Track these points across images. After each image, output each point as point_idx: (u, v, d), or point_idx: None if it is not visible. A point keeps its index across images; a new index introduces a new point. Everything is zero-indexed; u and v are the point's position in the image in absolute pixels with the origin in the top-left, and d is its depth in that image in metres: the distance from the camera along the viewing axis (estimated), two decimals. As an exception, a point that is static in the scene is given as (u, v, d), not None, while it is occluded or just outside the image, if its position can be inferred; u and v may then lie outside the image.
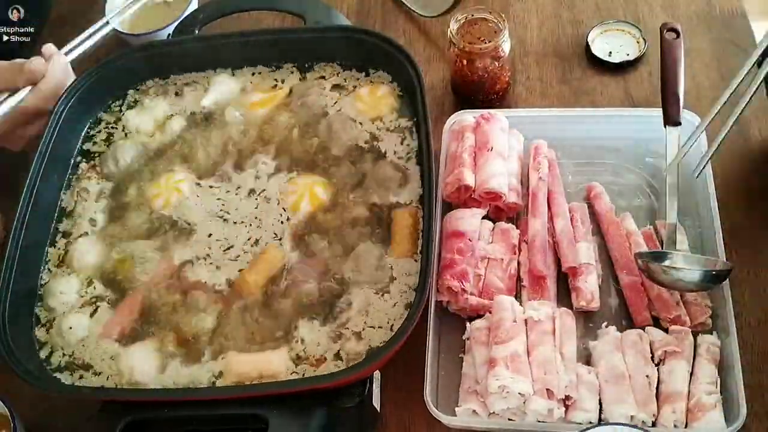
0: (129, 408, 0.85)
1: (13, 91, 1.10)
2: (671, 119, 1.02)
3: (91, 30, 1.20)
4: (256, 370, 0.90)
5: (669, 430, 0.85)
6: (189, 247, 1.02)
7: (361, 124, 1.09)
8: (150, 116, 1.14)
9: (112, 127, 1.15)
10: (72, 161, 1.11)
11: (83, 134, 1.14)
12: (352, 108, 1.11)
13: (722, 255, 0.94)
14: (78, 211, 1.07)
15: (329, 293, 0.95)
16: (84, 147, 1.13)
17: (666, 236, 0.97)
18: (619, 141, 1.09)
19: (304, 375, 0.90)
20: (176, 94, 1.17)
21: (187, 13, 1.26)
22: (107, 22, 1.23)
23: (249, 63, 1.17)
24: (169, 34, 1.22)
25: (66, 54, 1.15)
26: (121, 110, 1.16)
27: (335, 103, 1.12)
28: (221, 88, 1.16)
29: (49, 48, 1.14)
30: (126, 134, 1.14)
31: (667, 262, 0.93)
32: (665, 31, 1.07)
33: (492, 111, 1.08)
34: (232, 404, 0.85)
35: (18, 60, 1.12)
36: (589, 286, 0.96)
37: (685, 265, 0.93)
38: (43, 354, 0.96)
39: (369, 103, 1.10)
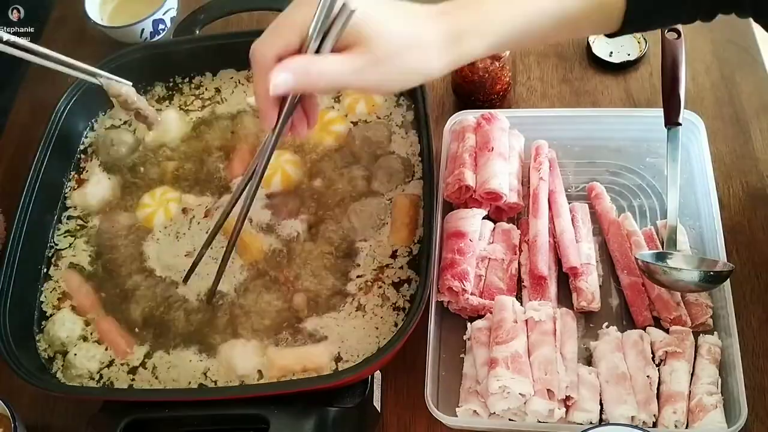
0: (129, 408, 0.85)
1: None
2: (672, 120, 1.02)
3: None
4: (300, 364, 0.91)
5: (670, 430, 0.85)
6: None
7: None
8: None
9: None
10: (72, 162, 1.12)
11: (83, 135, 1.14)
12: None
13: (723, 255, 0.94)
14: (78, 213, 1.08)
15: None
16: (84, 149, 1.13)
17: (666, 237, 0.97)
18: (620, 141, 1.09)
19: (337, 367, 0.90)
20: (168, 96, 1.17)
21: (165, 8, 1.26)
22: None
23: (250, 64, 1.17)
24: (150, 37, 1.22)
25: None
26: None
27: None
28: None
29: None
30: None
31: (667, 263, 0.93)
32: (666, 31, 1.07)
33: (493, 111, 1.08)
34: (233, 404, 0.85)
35: None
36: (590, 287, 0.96)
37: (685, 265, 0.93)
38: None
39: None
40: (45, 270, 1.03)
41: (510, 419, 0.88)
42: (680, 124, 1.01)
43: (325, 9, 0.70)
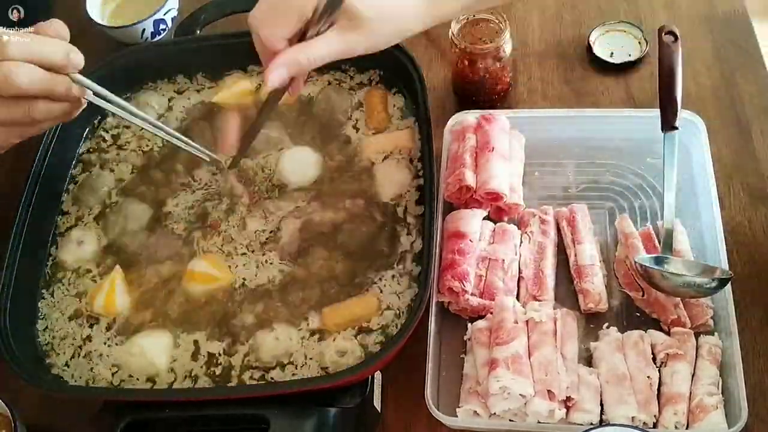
0: (130, 408, 0.85)
1: None
2: (668, 124, 1.01)
3: None
4: (352, 315, 0.93)
5: (670, 431, 0.85)
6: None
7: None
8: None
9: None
10: (72, 164, 1.11)
11: (84, 136, 1.14)
12: None
13: (723, 255, 0.94)
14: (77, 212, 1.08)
15: None
16: (84, 151, 1.13)
17: (662, 241, 0.96)
18: (620, 141, 1.09)
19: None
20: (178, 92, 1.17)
21: (166, 8, 1.26)
22: None
23: (249, 63, 1.17)
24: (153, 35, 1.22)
25: None
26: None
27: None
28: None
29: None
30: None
31: (667, 268, 0.93)
32: (663, 34, 1.06)
33: (493, 111, 1.08)
34: (233, 404, 0.85)
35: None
36: (596, 288, 0.96)
37: (685, 271, 0.93)
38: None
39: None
40: (47, 269, 1.02)
41: (510, 420, 0.88)
42: (677, 128, 1.01)
43: None
